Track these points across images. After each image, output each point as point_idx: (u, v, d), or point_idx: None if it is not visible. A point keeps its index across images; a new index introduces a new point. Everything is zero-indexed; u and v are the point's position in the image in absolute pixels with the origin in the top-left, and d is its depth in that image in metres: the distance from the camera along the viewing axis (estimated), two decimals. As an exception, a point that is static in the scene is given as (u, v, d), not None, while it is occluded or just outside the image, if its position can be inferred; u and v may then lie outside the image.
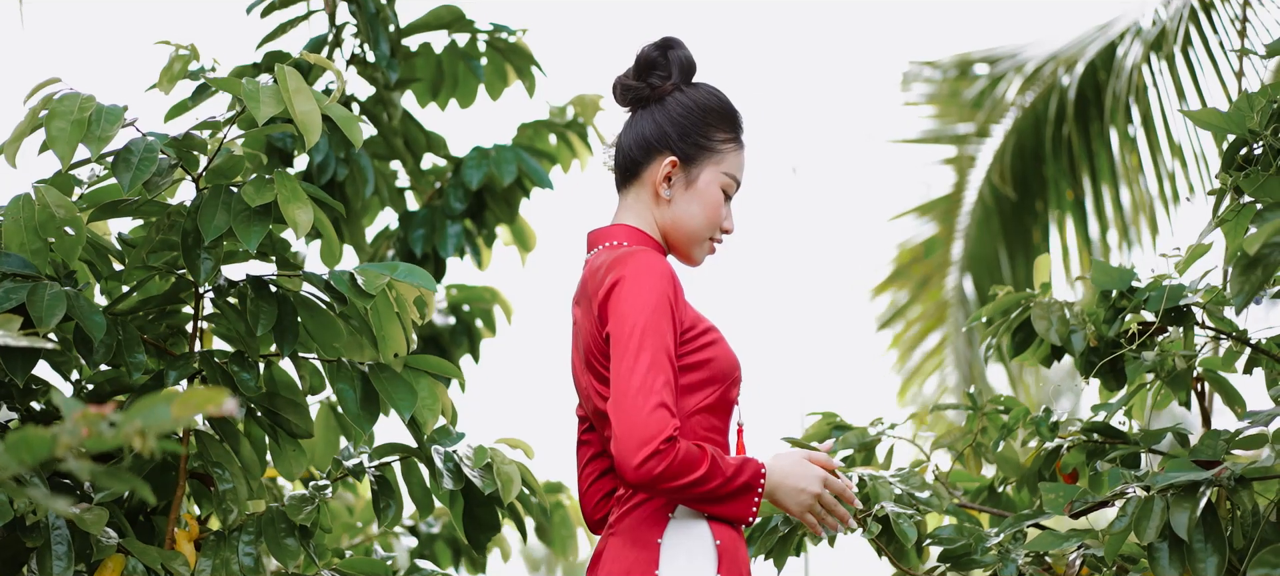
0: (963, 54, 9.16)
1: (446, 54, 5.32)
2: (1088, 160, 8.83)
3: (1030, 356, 4.49)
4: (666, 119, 3.38)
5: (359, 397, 3.78)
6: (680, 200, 3.38)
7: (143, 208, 3.73)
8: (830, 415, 4.68)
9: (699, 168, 3.37)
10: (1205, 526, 3.54)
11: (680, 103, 3.39)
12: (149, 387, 3.80)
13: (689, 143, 3.37)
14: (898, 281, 10.43)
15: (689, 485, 3.15)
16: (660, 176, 3.38)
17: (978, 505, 4.50)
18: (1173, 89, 8.08)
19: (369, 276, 3.68)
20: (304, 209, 3.59)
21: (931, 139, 9.80)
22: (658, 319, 3.18)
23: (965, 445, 4.50)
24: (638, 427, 3.09)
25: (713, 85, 3.44)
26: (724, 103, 3.41)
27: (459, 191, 5.28)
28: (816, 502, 3.32)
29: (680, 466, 3.12)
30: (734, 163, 3.40)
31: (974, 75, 9.06)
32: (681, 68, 3.42)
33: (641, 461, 3.08)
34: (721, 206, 3.38)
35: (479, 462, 3.80)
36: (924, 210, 10.12)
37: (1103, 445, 4.29)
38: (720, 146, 3.38)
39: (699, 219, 3.37)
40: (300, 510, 3.82)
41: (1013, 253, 9.69)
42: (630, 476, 3.10)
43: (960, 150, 9.77)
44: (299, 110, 3.54)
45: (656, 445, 3.09)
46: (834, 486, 3.35)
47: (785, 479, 3.30)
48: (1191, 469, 3.60)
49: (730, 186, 3.39)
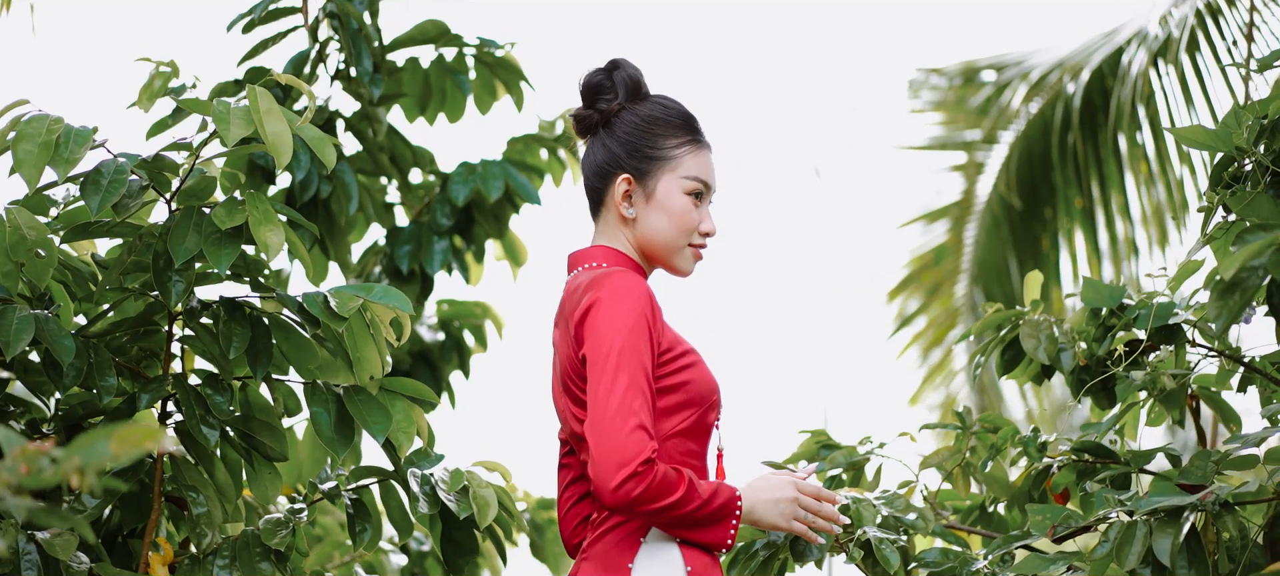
0: (969, 61, 9.11)
1: (434, 68, 5.27)
2: (1096, 168, 8.76)
3: (1020, 374, 4.43)
4: (615, 140, 3.36)
5: (334, 420, 3.74)
6: (644, 216, 3.35)
7: (115, 229, 3.69)
8: (819, 433, 4.62)
9: (654, 179, 3.34)
10: (1189, 552, 3.48)
11: (626, 121, 3.36)
12: (121, 411, 3.77)
13: (639, 157, 3.34)
14: (909, 288, 10.37)
15: (666, 508, 3.12)
16: (619, 198, 3.35)
17: (967, 526, 4.44)
18: (1181, 95, 8.00)
19: (342, 298, 3.64)
20: (275, 230, 3.55)
21: (940, 146, 9.74)
22: (635, 339, 3.15)
23: (954, 465, 4.43)
24: (616, 449, 3.06)
25: (662, 95, 3.42)
26: (671, 109, 3.38)
27: (445, 207, 5.24)
28: (796, 505, 3.30)
29: (658, 489, 3.10)
30: (693, 165, 3.35)
31: (980, 82, 8.99)
32: (627, 86, 3.39)
33: (619, 483, 3.06)
34: (690, 212, 3.34)
35: (454, 486, 3.75)
36: (933, 217, 10.06)
37: (1094, 465, 4.23)
38: (673, 153, 3.34)
39: (667, 230, 3.33)
40: (274, 534, 3.78)
41: (1022, 261, 9.62)
42: (608, 498, 3.08)
43: (969, 157, 9.71)
44: (270, 131, 3.51)
45: (635, 467, 3.06)
46: (805, 488, 3.33)
47: (759, 495, 3.28)
48: (1176, 492, 3.53)
49: (695, 189, 3.34)
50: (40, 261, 3.56)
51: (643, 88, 3.41)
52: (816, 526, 3.33)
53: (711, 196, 3.39)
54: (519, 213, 5.42)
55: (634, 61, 3.46)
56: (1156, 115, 8.15)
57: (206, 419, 3.72)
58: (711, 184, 3.37)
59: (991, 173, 9.60)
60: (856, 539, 3.85)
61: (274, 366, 3.87)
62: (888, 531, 3.89)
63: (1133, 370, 4.15)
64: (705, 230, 3.36)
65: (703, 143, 3.38)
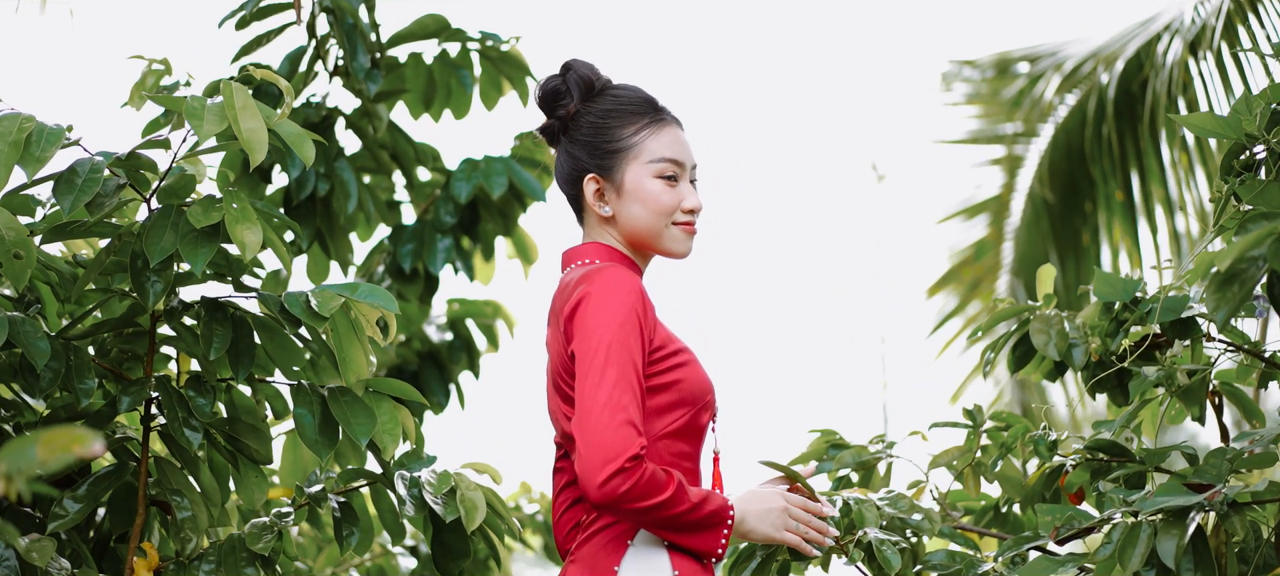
0: (1003, 52, 8.94)
1: (437, 64, 5.18)
2: (1136, 160, 8.59)
3: (1032, 371, 4.31)
4: (576, 144, 3.32)
5: (318, 422, 3.66)
6: (620, 210, 3.29)
7: (94, 229, 3.62)
8: (828, 433, 4.51)
9: (620, 172, 3.28)
10: (1195, 554, 3.35)
11: (584, 122, 3.32)
12: (103, 413, 3.70)
13: (599, 154, 3.29)
14: (950, 284, 10.22)
15: (654, 507, 3.04)
16: (592, 199, 3.31)
17: (978, 528, 4.31)
18: (1220, 85, 7.82)
19: (322, 297, 3.56)
20: (253, 228, 3.48)
21: (977, 139, 9.57)
22: (625, 334, 3.09)
23: (965, 464, 4.31)
24: (603, 444, 3.00)
25: (619, 85, 3.36)
26: (623, 97, 3.32)
27: (449, 205, 5.16)
28: (786, 516, 3.24)
29: (645, 487, 3.02)
30: (656, 146, 3.28)
31: (1014, 74, 8.83)
32: (580, 87, 3.35)
33: (606, 479, 2.99)
34: (663, 194, 3.26)
35: (441, 488, 3.66)
36: (972, 212, 9.90)
37: (1108, 464, 4.10)
38: (631, 140, 3.28)
39: (644, 218, 3.27)
40: (259, 538, 3.70)
41: (1063, 255, 9.44)
42: (594, 495, 3.01)
43: (1008, 150, 9.54)
44: (244, 128, 3.43)
45: (622, 463, 2.99)
46: (794, 499, 3.27)
47: (750, 506, 3.22)
48: (1182, 492, 3.40)
49: (665, 169, 3.27)
50: (18, 263, 3.49)
51: (597, 83, 3.35)
52: (810, 538, 3.25)
53: (689, 171, 3.32)
54: (527, 210, 5.33)
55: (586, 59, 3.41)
56: (1195, 104, 7.97)
57: (189, 421, 3.65)
58: (682, 159, 3.30)
59: (1031, 166, 9.43)
60: (857, 540, 3.73)
61: (259, 367, 3.80)
62: (890, 533, 3.78)
63: (1146, 366, 4.03)
64: (687, 206, 3.29)
65: (664, 121, 3.31)
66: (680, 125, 3.35)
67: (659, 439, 3.18)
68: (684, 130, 3.36)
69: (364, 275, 5.33)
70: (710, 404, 3.27)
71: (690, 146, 3.34)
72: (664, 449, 3.18)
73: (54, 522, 3.63)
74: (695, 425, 3.23)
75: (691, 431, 3.23)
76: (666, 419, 3.19)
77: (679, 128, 3.33)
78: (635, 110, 3.30)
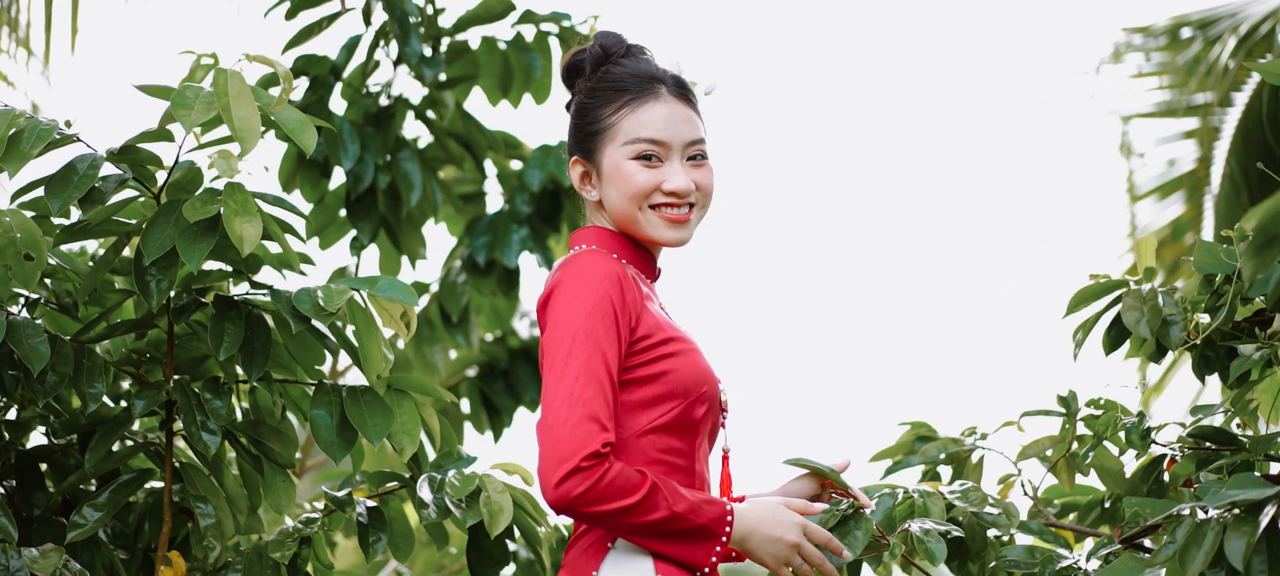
0: (1178, 16, 8.40)
1: (511, 48, 4.98)
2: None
3: (1134, 352, 3.94)
4: (567, 129, 3.13)
5: (336, 423, 3.50)
6: (604, 194, 3.05)
7: (102, 228, 3.52)
8: (919, 425, 4.19)
9: (599, 154, 3.04)
10: (1270, 553, 2.98)
11: (575, 103, 3.10)
12: (120, 418, 3.60)
13: (581, 137, 3.07)
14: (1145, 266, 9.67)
15: (619, 512, 2.80)
16: (578, 183, 3.09)
17: (1077, 526, 3.95)
18: None
19: (330, 292, 3.40)
20: (252, 222, 3.33)
21: (1169, 112, 9.04)
22: (594, 323, 2.86)
23: (1059, 455, 3.96)
24: (559, 442, 2.77)
25: (624, 59, 3.09)
26: (612, 74, 3.06)
27: (524, 194, 4.96)
28: (795, 553, 2.96)
29: (607, 489, 2.78)
30: (633, 126, 3.00)
31: (1184, 39, 8.29)
32: (594, 61, 3.10)
33: (560, 480, 2.77)
34: (637, 175, 2.99)
35: (463, 491, 3.46)
36: (1166, 190, 9.36)
37: (1218, 452, 3.72)
38: (609, 121, 3.02)
39: (620, 200, 3.01)
40: (281, 545, 3.56)
41: (1272, 233, 8.84)
42: (549, 497, 2.79)
43: (1203, 121, 8.98)
44: (236, 117, 3.28)
45: (578, 461, 2.76)
46: (815, 536, 2.99)
47: (758, 526, 2.94)
48: (1259, 484, 3.03)
49: (641, 149, 3.00)
50: (28, 266, 3.40)
51: (611, 55, 3.08)
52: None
53: (678, 150, 3.02)
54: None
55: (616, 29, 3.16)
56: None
57: (207, 425, 3.52)
58: (664, 138, 3.00)
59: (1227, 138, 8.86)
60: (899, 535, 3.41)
61: (283, 367, 3.66)
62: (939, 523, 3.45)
63: (1244, 344, 3.65)
64: (670, 188, 3.00)
65: (652, 97, 3.03)
66: (684, 99, 3.05)
67: (644, 434, 2.92)
68: (689, 104, 3.06)
69: (446, 271, 5.17)
70: (706, 396, 2.99)
71: (688, 122, 3.04)
72: (648, 445, 2.93)
73: (73, 532, 3.54)
74: (688, 419, 2.96)
75: (684, 426, 2.96)
76: (653, 412, 2.93)
77: (678, 102, 3.03)
78: (618, 87, 3.03)
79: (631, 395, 2.93)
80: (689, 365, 2.98)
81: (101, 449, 3.55)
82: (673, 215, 3.02)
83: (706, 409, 3.00)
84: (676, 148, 3.02)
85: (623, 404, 2.92)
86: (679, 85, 3.08)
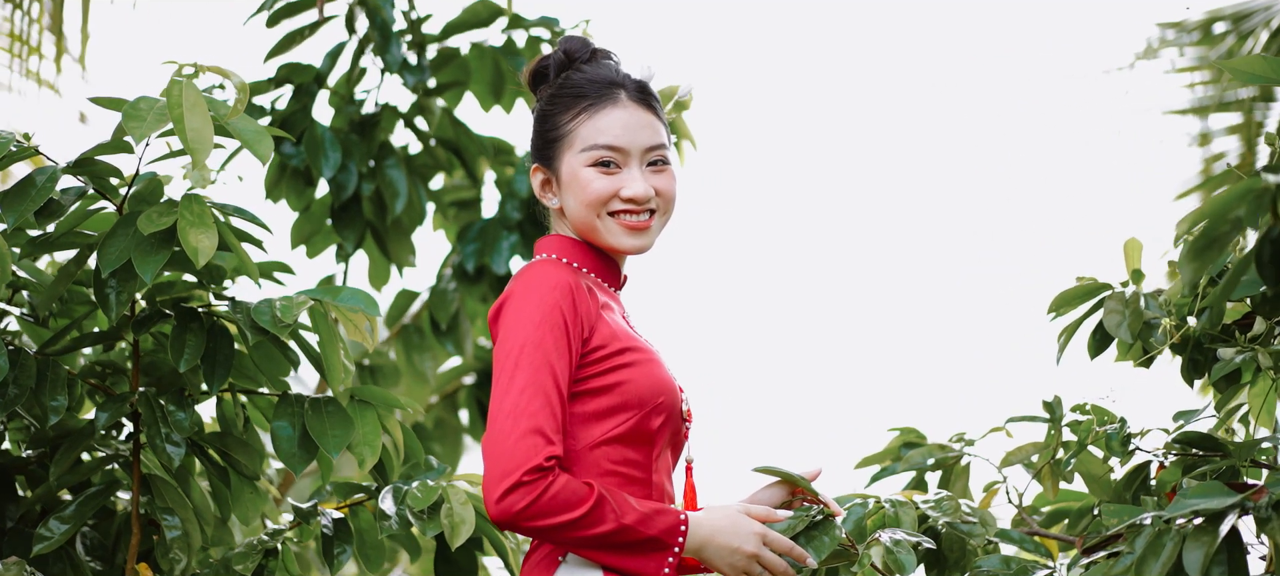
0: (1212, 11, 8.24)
1: (501, 54, 4.94)
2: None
3: (1124, 356, 3.85)
4: (531, 133, 3.06)
5: (297, 435, 3.48)
6: (564, 201, 3.01)
7: (65, 240, 3.51)
8: (907, 430, 4.13)
9: (557, 162, 2.99)
10: (1230, 565, 2.89)
11: (536, 112, 3.05)
12: (86, 431, 3.59)
13: (541, 143, 3.02)
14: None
15: (563, 526, 2.75)
16: (539, 190, 3.03)
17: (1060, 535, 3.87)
18: None
19: (287, 304, 3.38)
20: (207, 233, 3.31)
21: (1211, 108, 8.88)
22: (542, 334, 2.82)
23: (1044, 461, 3.88)
24: (502, 456, 2.73)
25: (582, 65, 3.03)
26: (572, 80, 3.01)
27: (513, 200, 4.92)
28: (754, 563, 2.89)
29: (550, 503, 2.74)
30: (590, 133, 2.95)
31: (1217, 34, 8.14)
32: (557, 66, 3.05)
33: (502, 494, 2.73)
34: (593, 182, 2.94)
35: (424, 503, 3.43)
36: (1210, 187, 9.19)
37: (1203, 459, 3.63)
38: (566, 128, 2.97)
39: (578, 208, 2.97)
40: (245, 557, 3.54)
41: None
42: (492, 513, 2.74)
43: (1247, 116, 8.82)
44: (189, 127, 3.27)
45: (520, 476, 2.72)
46: (776, 544, 2.91)
47: (715, 535, 2.88)
48: (1222, 492, 2.94)
49: (599, 155, 2.94)
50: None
51: (574, 60, 3.04)
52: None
53: (637, 155, 2.97)
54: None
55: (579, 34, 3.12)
56: None
57: (170, 437, 3.51)
58: (620, 144, 2.95)
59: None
60: (869, 546, 3.35)
61: (247, 379, 3.64)
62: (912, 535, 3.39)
63: (1225, 347, 3.57)
64: (627, 194, 2.94)
65: (611, 102, 2.97)
66: (644, 104, 2.99)
67: (597, 446, 2.88)
68: (650, 108, 3.01)
69: (437, 279, 5.14)
70: (664, 406, 2.94)
71: (648, 127, 2.97)
72: (602, 457, 2.88)
73: (39, 544, 3.54)
74: (644, 430, 2.91)
75: (640, 437, 2.91)
76: (607, 424, 2.89)
77: (637, 107, 2.97)
78: (577, 93, 2.99)
79: (585, 406, 2.89)
80: (645, 375, 2.93)
81: (66, 461, 3.55)
82: (632, 221, 2.97)
83: (664, 419, 2.95)
84: (635, 153, 2.97)
85: (577, 415, 2.88)
86: (640, 90, 3.02)
